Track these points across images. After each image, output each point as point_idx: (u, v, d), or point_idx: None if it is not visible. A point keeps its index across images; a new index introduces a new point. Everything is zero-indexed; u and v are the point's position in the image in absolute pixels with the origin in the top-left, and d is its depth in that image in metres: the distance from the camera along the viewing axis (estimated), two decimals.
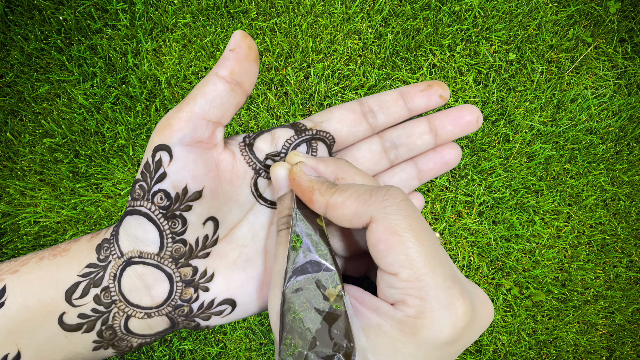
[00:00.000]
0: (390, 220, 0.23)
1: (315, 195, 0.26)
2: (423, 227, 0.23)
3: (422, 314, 0.22)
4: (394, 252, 0.22)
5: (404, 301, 0.22)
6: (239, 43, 0.27)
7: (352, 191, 0.25)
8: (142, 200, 0.27)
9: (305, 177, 0.27)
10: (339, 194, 0.25)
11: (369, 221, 0.24)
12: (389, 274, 0.23)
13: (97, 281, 0.28)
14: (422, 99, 0.32)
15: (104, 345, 0.28)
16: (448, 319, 0.22)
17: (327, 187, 0.26)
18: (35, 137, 1.00)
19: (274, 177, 0.29)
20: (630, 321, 1.11)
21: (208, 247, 0.29)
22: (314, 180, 0.27)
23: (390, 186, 0.25)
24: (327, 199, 0.25)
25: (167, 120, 0.27)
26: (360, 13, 1.08)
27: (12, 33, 1.02)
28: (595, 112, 1.12)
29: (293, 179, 0.27)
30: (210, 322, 0.30)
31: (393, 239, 0.22)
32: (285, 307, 0.24)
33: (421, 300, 0.22)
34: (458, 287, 0.23)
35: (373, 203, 0.24)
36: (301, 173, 0.27)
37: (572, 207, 1.10)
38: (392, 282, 0.23)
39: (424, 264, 0.22)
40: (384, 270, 0.23)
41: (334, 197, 0.25)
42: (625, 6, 1.16)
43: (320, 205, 0.26)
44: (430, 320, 0.22)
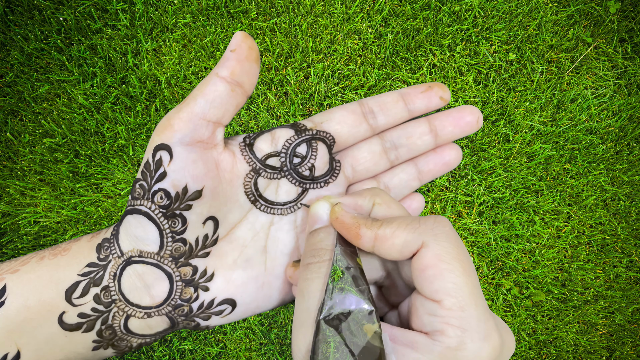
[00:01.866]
0: (441, 247, 0.23)
1: (362, 230, 0.26)
2: (467, 258, 0.24)
3: (463, 345, 0.22)
4: (441, 279, 0.22)
5: (443, 331, 0.22)
6: (239, 44, 0.27)
7: (400, 222, 0.25)
8: (143, 199, 0.27)
9: (348, 215, 0.27)
10: (387, 225, 0.25)
11: (420, 247, 0.24)
12: (432, 301, 0.23)
13: (97, 280, 0.28)
14: (422, 101, 0.32)
15: (103, 345, 0.28)
16: (486, 351, 0.22)
17: (372, 221, 0.26)
18: (35, 137, 1.00)
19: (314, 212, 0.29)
20: (630, 321, 1.11)
21: (208, 246, 0.29)
22: (358, 216, 0.27)
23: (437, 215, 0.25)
24: (375, 232, 0.25)
25: (167, 120, 0.27)
26: (360, 13, 1.08)
27: (12, 33, 1.02)
28: (595, 112, 1.12)
29: (336, 218, 0.27)
30: (210, 322, 0.29)
31: (442, 266, 0.23)
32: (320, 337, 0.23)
33: (462, 331, 0.22)
34: (493, 320, 0.23)
35: (424, 231, 0.24)
36: (344, 211, 0.27)
37: (572, 207, 1.10)
38: (434, 310, 0.23)
39: (469, 295, 0.22)
40: (428, 296, 0.23)
41: (382, 229, 0.25)
42: (625, 6, 1.16)
43: (369, 238, 0.26)
44: (470, 352, 0.22)
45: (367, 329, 0.23)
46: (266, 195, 0.31)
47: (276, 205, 0.31)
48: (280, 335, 1.01)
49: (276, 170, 0.31)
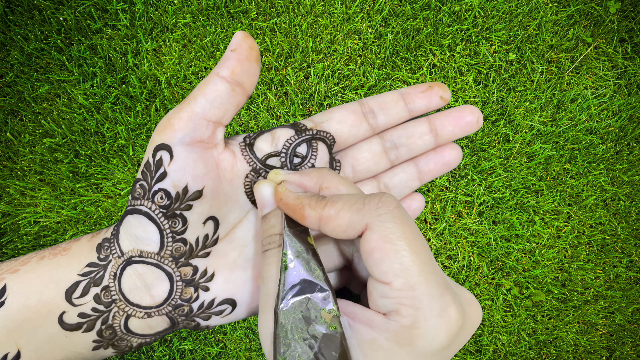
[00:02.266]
0: (385, 228, 0.23)
1: (306, 211, 0.26)
2: (416, 235, 0.23)
3: (417, 323, 0.22)
4: (388, 261, 0.22)
5: (398, 311, 0.22)
6: (240, 43, 0.27)
7: (344, 201, 0.25)
8: (143, 199, 0.27)
9: (292, 195, 0.27)
10: (331, 205, 0.25)
11: (364, 229, 0.24)
12: (382, 283, 0.23)
13: (97, 280, 0.28)
14: (422, 100, 0.32)
15: (103, 345, 0.28)
16: (442, 327, 0.22)
17: (316, 201, 0.26)
18: (35, 137, 1.00)
19: (258, 195, 0.28)
20: (630, 321, 1.11)
21: (208, 246, 0.29)
22: (302, 196, 0.26)
23: (382, 193, 0.25)
24: (319, 212, 0.25)
25: (167, 120, 0.27)
26: (360, 13, 1.08)
27: (12, 33, 1.02)
28: (595, 112, 1.12)
29: (280, 198, 0.27)
30: (210, 322, 0.29)
31: (387, 247, 0.22)
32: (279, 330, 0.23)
33: (415, 310, 0.22)
34: (450, 294, 0.23)
35: (367, 211, 0.23)
36: (287, 191, 0.27)
37: (572, 207, 1.10)
38: (385, 292, 0.23)
39: (417, 273, 0.22)
40: (378, 279, 0.23)
41: (327, 210, 0.25)
42: (625, 6, 1.16)
43: (313, 219, 0.25)
44: (425, 330, 0.22)
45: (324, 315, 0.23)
46: None
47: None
48: None
49: None
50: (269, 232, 0.27)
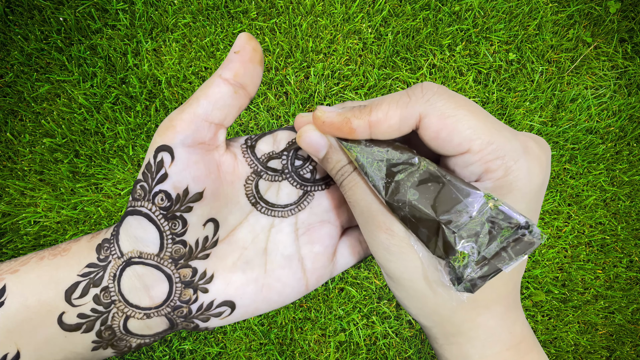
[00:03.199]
0: (439, 108, 0.23)
1: (354, 122, 0.25)
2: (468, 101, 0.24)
3: (509, 168, 0.23)
4: (457, 132, 0.23)
5: (487, 169, 0.23)
6: (243, 45, 0.27)
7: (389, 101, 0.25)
8: (143, 200, 0.27)
9: (333, 113, 0.27)
10: (377, 109, 0.25)
11: (419, 120, 0.24)
12: (461, 155, 0.23)
13: (96, 281, 0.28)
14: None
15: (103, 346, 0.28)
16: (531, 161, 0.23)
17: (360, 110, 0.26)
18: (35, 137, 1.00)
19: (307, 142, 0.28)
20: (630, 321, 1.11)
21: (208, 248, 0.29)
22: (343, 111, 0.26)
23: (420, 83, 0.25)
24: (367, 119, 0.25)
25: (169, 121, 0.27)
26: (360, 13, 1.08)
27: (12, 33, 1.02)
28: (595, 112, 1.12)
29: (323, 122, 0.27)
30: (209, 323, 0.29)
31: (450, 121, 0.23)
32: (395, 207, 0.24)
33: (502, 159, 0.23)
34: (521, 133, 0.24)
35: (415, 101, 0.24)
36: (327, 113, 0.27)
37: (572, 207, 1.10)
38: (467, 160, 0.23)
39: (488, 129, 0.23)
40: (455, 153, 0.24)
41: (374, 114, 0.25)
42: (625, 6, 1.16)
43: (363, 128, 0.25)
44: (517, 171, 0.23)
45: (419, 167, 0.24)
46: (267, 197, 0.31)
47: (277, 208, 0.31)
48: (280, 335, 1.01)
49: (277, 172, 0.31)
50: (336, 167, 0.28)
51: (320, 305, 1.02)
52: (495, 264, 0.22)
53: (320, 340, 1.02)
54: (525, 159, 0.23)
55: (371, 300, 1.03)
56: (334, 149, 0.28)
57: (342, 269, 0.33)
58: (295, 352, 1.01)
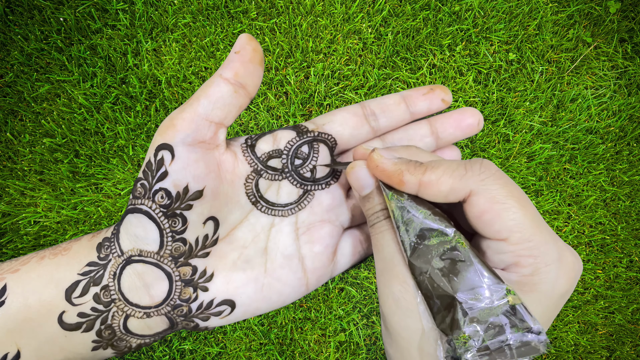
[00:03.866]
0: (491, 191, 0.24)
1: (405, 176, 0.26)
2: (520, 193, 0.24)
3: (538, 270, 0.23)
4: (500, 220, 0.23)
5: (517, 263, 0.23)
6: (244, 46, 0.27)
7: (445, 167, 0.25)
8: (143, 198, 0.27)
9: (389, 161, 0.27)
10: (432, 171, 0.25)
11: (468, 195, 0.24)
12: (497, 241, 0.24)
13: (97, 280, 0.28)
14: (424, 103, 0.32)
15: (103, 345, 0.28)
16: (562, 270, 0.23)
17: (415, 166, 0.26)
18: (35, 137, 1.00)
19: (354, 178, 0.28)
20: (630, 321, 1.11)
21: (208, 246, 0.29)
22: (399, 162, 0.26)
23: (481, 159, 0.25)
24: (419, 178, 0.25)
25: (170, 120, 0.27)
26: (360, 13, 1.08)
27: (12, 33, 1.02)
28: (595, 112, 1.12)
29: (376, 166, 0.27)
30: (209, 323, 0.29)
31: (497, 207, 0.23)
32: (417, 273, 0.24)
33: (534, 258, 0.23)
34: (561, 241, 0.24)
35: (470, 177, 0.24)
36: (383, 158, 0.27)
37: (572, 207, 1.10)
38: (501, 248, 0.24)
39: (530, 225, 0.23)
40: (492, 237, 0.24)
41: (427, 175, 0.25)
42: (625, 6, 1.16)
43: (412, 184, 0.26)
44: (546, 275, 0.23)
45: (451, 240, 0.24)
46: (267, 196, 0.31)
47: (277, 207, 0.31)
48: (280, 335, 1.01)
49: (277, 171, 0.31)
50: (373, 209, 0.28)
51: (320, 305, 1.02)
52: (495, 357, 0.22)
53: (320, 340, 1.02)
54: (557, 265, 0.23)
55: (371, 300, 1.03)
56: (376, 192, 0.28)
57: (343, 269, 0.33)
58: (295, 352, 1.01)
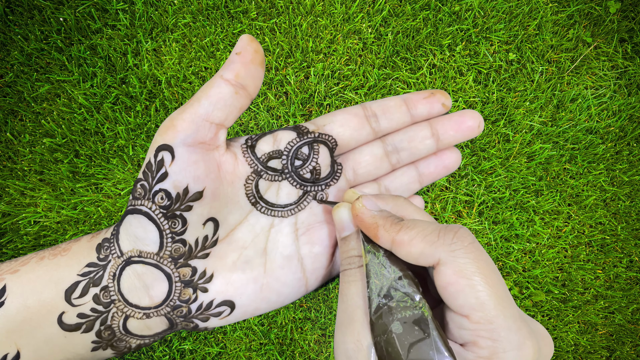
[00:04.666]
0: (459, 264, 0.23)
1: (380, 232, 0.26)
2: (491, 269, 0.23)
3: (495, 355, 0.22)
4: (464, 295, 0.23)
5: (475, 342, 0.23)
6: (245, 47, 0.27)
7: (419, 230, 0.25)
8: (143, 199, 0.27)
9: (368, 213, 0.27)
10: (405, 231, 0.25)
11: (437, 263, 0.24)
12: (459, 315, 0.23)
13: (96, 280, 0.28)
14: (424, 107, 0.32)
15: (102, 346, 0.28)
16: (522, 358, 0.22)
17: (391, 224, 0.26)
18: (35, 137, 1.00)
19: (337, 218, 0.29)
20: (630, 321, 1.11)
21: (207, 247, 0.29)
22: (377, 215, 0.27)
23: (458, 227, 0.25)
24: (392, 236, 0.25)
25: (170, 121, 0.27)
26: (360, 13, 1.08)
27: (12, 33, 1.02)
28: (595, 112, 1.12)
29: (356, 215, 0.27)
30: (209, 323, 0.29)
31: (462, 282, 0.23)
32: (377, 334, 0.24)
33: (493, 342, 0.22)
34: (526, 328, 0.23)
35: (441, 245, 0.24)
36: (364, 209, 0.27)
37: (572, 207, 1.10)
38: (462, 324, 0.23)
39: (494, 307, 0.22)
40: (455, 311, 0.23)
41: (400, 235, 0.25)
42: (625, 6, 1.16)
43: (386, 241, 0.26)
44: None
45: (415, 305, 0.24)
46: (267, 197, 0.31)
47: (277, 208, 0.31)
48: (280, 335, 1.01)
49: (277, 172, 0.31)
50: (348, 253, 0.28)
51: (320, 305, 1.02)
52: None
53: (320, 340, 1.02)
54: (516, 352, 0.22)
55: None
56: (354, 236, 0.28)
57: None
58: (295, 352, 1.01)
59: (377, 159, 0.33)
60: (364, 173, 0.33)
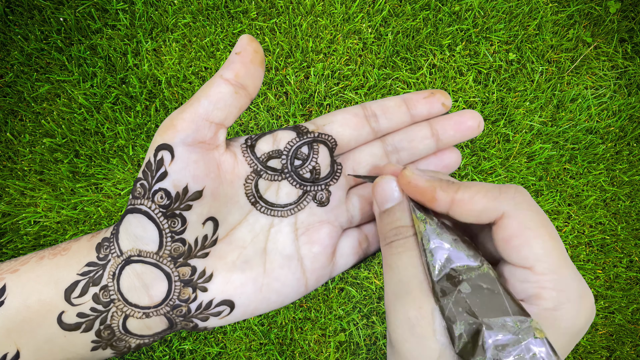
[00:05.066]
0: (524, 215, 0.23)
1: (438, 193, 0.25)
2: (552, 225, 0.24)
3: (560, 305, 0.22)
4: (529, 246, 0.23)
5: (539, 295, 0.23)
6: (245, 47, 0.27)
7: (479, 188, 0.25)
8: (143, 198, 0.27)
9: (422, 178, 0.27)
10: (464, 190, 0.25)
11: (500, 217, 0.24)
12: (522, 268, 0.23)
13: (96, 280, 0.28)
14: (424, 107, 0.32)
15: (102, 346, 0.28)
16: (583, 309, 0.23)
17: (448, 184, 0.26)
18: (35, 137, 1.00)
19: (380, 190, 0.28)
20: (630, 321, 1.11)
21: (207, 247, 0.29)
22: (433, 179, 0.26)
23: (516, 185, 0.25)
24: (452, 196, 0.25)
25: (170, 120, 0.27)
26: (360, 13, 1.08)
27: (12, 33, 1.02)
28: (595, 112, 1.12)
29: (409, 182, 0.27)
30: (208, 323, 0.29)
31: (528, 234, 0.23)
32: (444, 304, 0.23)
33: (558, 292, 0.22)
34: (584, 281, 0.24)
35: (504, 199, 0.24)
36: (416, 174, 0.27)
37: (572, 207, 1.10)
38: (525, 277, 0.23)
39: (559, 258, 0.23)
40: (518, 264, 0.23)
41: (460, 194, 0.25)
42: (625, 6, 1.16)
43: (444, 202, 0.25)
44: (567, 311, 0.22)
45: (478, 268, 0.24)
46: (267, 197, 0.31)
47: (276, 207, 0.31)
48: (280, 335, 1.01)
49: (277, 172, 0.31)
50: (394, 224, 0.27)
51: (320, 305, 1.02)
52: None
53: (320, 340, 1.02)
54: (578, 302, 0.23)
55: (371, 300, 1.03)
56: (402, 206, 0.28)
57: (342, 270, 0.33)
58: (295, 352, 1.01)
59: (377, 159, 0.33)
60: (364, 173, 0.33)
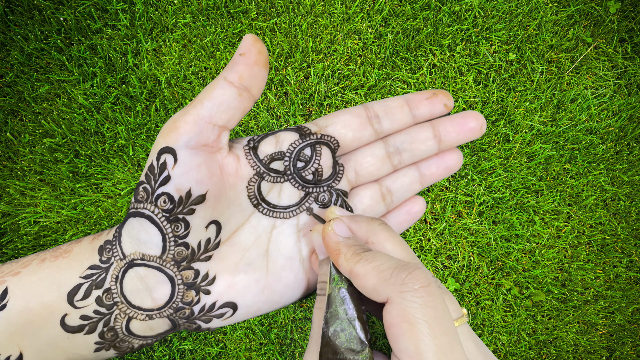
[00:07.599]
0: (406, 307, 0.22)
1: (340, 260, 0.26)
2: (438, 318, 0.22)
3: None
4: (403, 340, 0.22)
5: None
6: (249, 47, 0.27)
7: (375, 265, 0.24)
8: (146, 202, 0.27)
9: (333, 239, 0.27)
10: (363, 264, 0.25)
11: (386, 301, 0.23)
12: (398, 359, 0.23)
13: (99, 283, 0.28)
14: (426, 107, 0.32)
15: (105, 347, 0.28)
16: None
17: (352, 254, 0.26)
18: (35, 137, 1.00)
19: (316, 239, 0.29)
20: (630, 321, 1.11)
21: (210, 250, 0.29)
22: (342, 242, 0.26)
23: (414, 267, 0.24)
24: (351, 267, 0.25)
25: (172, 122, 0.27)
26: (360, 13, 1.08)
27: (12, 33, 1.02)
28: (595, 112, 1.12)
29: (324, 237, 0.27)
30: (211, 324, 0.29)
31: (405, 327, 0.22)
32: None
33: None
34: None
35: (391, 284, 0.23)
36: (331, 233, 0.27)
37: (572, 207, 1.10)
38: None
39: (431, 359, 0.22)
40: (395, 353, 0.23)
41: (357, 267, 0.25)
42: (625, 6, 1.16)
43: (345, 270, 0.26)
44: None
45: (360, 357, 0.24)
46: (269, 198, 0.31)
47: (279, 209, 0.31)
48: (280, 335, 1.01)
49: (280, 174, 0.31)
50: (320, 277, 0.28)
51: None
52: None
53: None
54: None
55: None
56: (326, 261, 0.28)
57: None
58: (295, 352, 1.01)
59: (379, 160, 0.33)
60: (366, 174, 0.33)
